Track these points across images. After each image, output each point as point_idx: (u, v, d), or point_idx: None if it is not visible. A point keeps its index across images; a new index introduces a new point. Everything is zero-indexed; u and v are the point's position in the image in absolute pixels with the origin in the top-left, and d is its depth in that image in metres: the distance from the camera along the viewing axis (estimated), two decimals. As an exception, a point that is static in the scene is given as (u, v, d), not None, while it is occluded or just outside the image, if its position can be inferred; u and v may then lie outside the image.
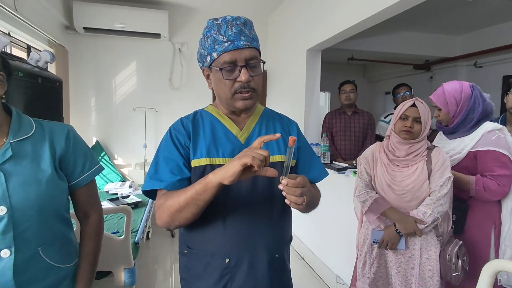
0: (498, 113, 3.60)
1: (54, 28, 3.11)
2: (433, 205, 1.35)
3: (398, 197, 1.43)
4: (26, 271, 0.80)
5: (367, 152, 1.58)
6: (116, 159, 3.81)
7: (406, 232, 1.38)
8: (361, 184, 1.54)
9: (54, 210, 0.87)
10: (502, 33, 3.63)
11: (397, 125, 1.44)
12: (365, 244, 1.53)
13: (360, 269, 1.54)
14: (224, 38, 0.81)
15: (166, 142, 0.89)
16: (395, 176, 1.44)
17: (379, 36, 3.88)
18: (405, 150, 1.43)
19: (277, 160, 0.89)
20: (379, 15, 2.03)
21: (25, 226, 0.80)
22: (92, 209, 0.99)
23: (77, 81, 3.56)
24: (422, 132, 1.40)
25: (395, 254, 1.45)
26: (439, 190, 1.36)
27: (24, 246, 0.80)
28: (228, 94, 0.84)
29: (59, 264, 0.88)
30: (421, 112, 1.39)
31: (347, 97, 2.84)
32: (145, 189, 0.85)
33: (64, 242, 0.92)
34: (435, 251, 1.38)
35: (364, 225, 1.57)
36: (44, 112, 1.76)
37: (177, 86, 3.89)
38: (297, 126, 1.02)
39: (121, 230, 2.19)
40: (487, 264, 0.93)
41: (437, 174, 1.37)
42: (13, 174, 0.79)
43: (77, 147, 0.92)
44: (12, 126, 0.83)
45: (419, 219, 1.37)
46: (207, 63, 0.86)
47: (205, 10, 3.77)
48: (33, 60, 1.77)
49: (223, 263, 0.85)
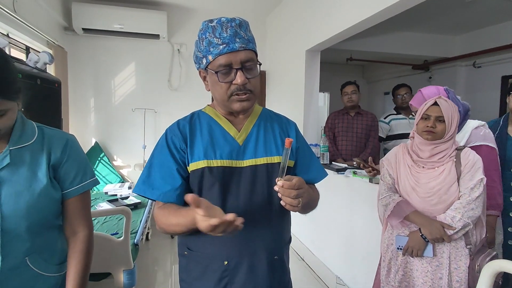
0: (496, 113, 3.64)
1: (53, 29, 3.10)
2: (463, 209, 1.24)
3: (423, 200, 1.33)
4: (12, 280, 0.79)
5: (390, 154, 1.51)
6: (115, 160, 3.80)
7: (432, 238, 1.27)
8: (383, 187, 1.46)
9: (45, 219, 0.85)
10: (501, 33, 3.63)
11: (419, 125, 1.35)
12: (389, 250, 1.43)
13: (384, 277, 1.45)
14: (219, 41, 0.80)
15: (161, 146, 0.88)
16: (420, 178, 1.35)
17: (378, 37, 3.89)
18: (429, 151, 1.33)
19: (275, 161, 0.89)
20: (378, 15, 2.03)
21: (13, 235, 0.78)
22: (81, 225, 0.92)
23: (76, 82, 3.56)
24: (447, 131, 1.29)
25: (421, 262, 1.33)
26: (470, 193, 1.25)
27: (11, 254, 0.78)
28: (225, 97, 0.84)
29: (48, 273, 0.86)
30: (444, 111, 1.28)
31: (349, 99, 2.82)
32: (136, 193, 0.87)
33: (54, 251, 0.89)
34: (465, 262, 1.27)
35: (388, 229, 1.47)
36: (43, 113, 1.76)
37: (176, 87, 3.88)
38: (296, 127, 1.01)
39: (121, 232, 2.19)
40: (487, 264, 0.93)
41: (467, 176, 1.27)
42: (8, 182, 0.78)
43: (72, 158, 0.90)
44: (14, 133, 0.81)
45: (447, 224, 1.25)
46: (203, 65, 0.85)
47: (203, 10, 3.77)
48: (32, 61, 1.76)
49: (222, 265, 0.85)
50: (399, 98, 2.92)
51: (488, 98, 3.87)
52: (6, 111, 0.75)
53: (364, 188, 2.09)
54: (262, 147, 0.90)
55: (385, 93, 5.41)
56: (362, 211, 2.13)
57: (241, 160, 0.88)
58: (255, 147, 0.90)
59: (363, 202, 2.12)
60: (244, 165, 0.87)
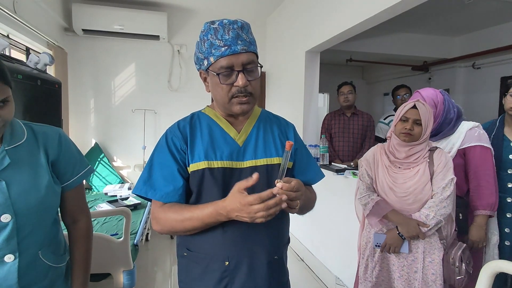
0: (496, 114, 3.64)
1: (53, 30, 3.11)
2: (435, 207, 1.32)
3: (400, 200, 1.40)
4: (28, 274, 0.82)
5: (368, 154, 1.56)
6: (115, 161, 3.80)
7: (409, 235, 1.35)
8: (362, 186, 1.52)
9: (51, 214, 0.89)
10: (500, 34, 3.64)
11: (397, 127, 1.41)
12: (367, 247, 1.50)
13: (362, 273, 1.51)
14: (221, 43, 0.81)
15: (161, 147, 0.89)
16: (397, 178, 1.42)
17: (378, 38, 3.90)
18: (405, 152, 1.41)
19: (275, 162, 0.90)
20: (378, 16, 2.04)
21: (27, 231, 0.81)
22: (81, 213, 0.98)
23: (76, 83, 3.56)
24: (423, 134, 1.37)
25: (397, 258, 1.42)
26: (442, 192, 1.33)
27: (26, 250, 0.81)
28: (225, 99, 0.85)
29: (55, 264, 0.90)
30: (422, 114, 1.36)
31: (345, 99, 2.85)
32: (137, 193, 0.87)
33: (57, 243, 0.93)
34: (438, 255, 1.36)
35: (366, 228, 1.54)
36: (43, 114, 1.76)
37: (176, 88, 3.89)
38: (294, 129, 1.02)
39: (120, 232, 2.19)
40: (486, 265, 0.94)
41: (440, 176, 1.35)
42: (14, 182, 0.79)
43: (68, 151, 0.92)
44: (5, 133, 0.82)
45: (422, 222, 1.34)
46: (204, 67, 0.86)
47: (203, 11, 3.78)
48: (32, 62, 1.77)
49: (223, 266, 0.86)
50: (399, 98, 2.93)
51: (487, 99, 3.87)
52: (9, 99, 0.76)
53: (364, 189, 2.09)
54: (261, 148, 0.91)
55: (384, 94, 5.42)
56: (362, 211, 2.13)
57: (241, 161, 0.88)
58: (255, 148, 0.90)
59: (363, 203, 2.12)
60: (244, 166, 0.88)
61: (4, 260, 0.78)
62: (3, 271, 0.77)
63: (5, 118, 0.76)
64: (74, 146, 0.96)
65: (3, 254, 0.77)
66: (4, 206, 0.76)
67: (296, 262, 2.90)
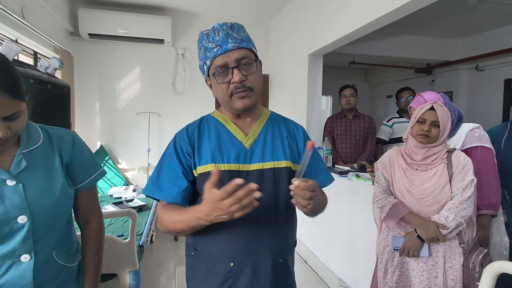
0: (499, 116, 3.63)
1: (59, 34, 3.16)
2: (455, 209, 1.28)
3: (418, 202, 1.37)
4: (43, 273, 0.84)
5: (384, 156, 1.53)
6: (120, 163, 3.84)
7: (428, 238, 1.31)
8: (378, 189, 1.49)
9: (65, 215, 0.91)
10: (503, 37, 3.64)
11: (414, 128, 1.38)
12: (385, 251, 1.46)
13: (381, 278, 1.47)
14: (213, 45, 0.84)
15: (170, 150, 0.92)
16: (414, 180, 1.39)
17: (381, 40, 3.91)
18: (422, 154, 1.37)
19: (282, 165, 0.90)
20: (381, 19, 2.05)
21: (42, 232, 0.83)
22: (93, 214, 1.01)
23: (82, 86, 3.60)
24: (441, 136, 1.34)
25: (417, 262, 1.37)
26: (462, 194, 1.29)
27: (41, 250, 0.83)
28: (226, 97, 0.87)
29: (68, 263, 0.92)
30: (440, 116, 1.33)
31: (347, 102, 2.89)
32: (145, 193, 0.90)
33: (70, 243, 0.95)
34: (459, 260, 1.31)
35: (384, 231, 1.50)
36: (53, 117, 1.79)
37: (180, 91, 3.92)
38: (304, 131, 1.02)
39: (126, 233, 2.21)
40: (489, 265, 0.94)
41: (459, 177, 1.32)
42: (30, 184, 0.81)
43: (81, 153, 0.95)
44: (22, 136, 0.84)
45: (441, 224, 1.29)
46: (206, 73, 0.89)
47: (207, 15, 3.81)
48: (43, 67, 1.81)
49: (228, 267, 0.87)
50: (403, 101, 2.94)
51: (491, 101, 3.87)
52: (21, 113, 0.77)
53: (367, 191, 2.10)
54: (269, 151, 0.92)
55: (387, 96, 5.42)
56: (365, 213, 2.14)
57: (248, 164, 0.89)
58: (263, 151, 0.91)
59: (366, 204, 2.13)
60: (251, 169, 0.89)
61: (20, 260, 0.80)
62: (19, 271, 0.80)
63: (15, 131, 0.77)
64: (87, 149, 0.99)
65: (19, 254, 0.79)
66: (20, 207, 0.78)
67: (299, 263, 2.91)
